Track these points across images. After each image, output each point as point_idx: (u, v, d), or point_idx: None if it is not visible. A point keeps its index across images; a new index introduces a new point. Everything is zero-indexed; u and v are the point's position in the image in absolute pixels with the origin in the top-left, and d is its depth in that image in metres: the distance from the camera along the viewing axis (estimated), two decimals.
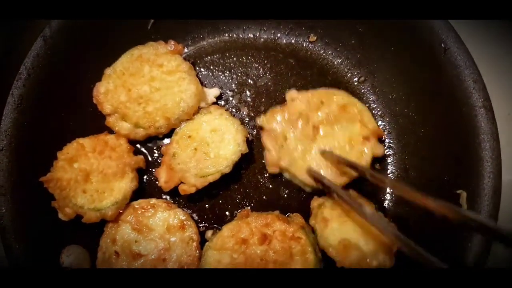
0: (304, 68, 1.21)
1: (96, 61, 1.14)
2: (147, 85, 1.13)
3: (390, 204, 1.16)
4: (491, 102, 1.00)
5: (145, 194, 1.18)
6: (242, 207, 1.16)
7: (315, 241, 1.05)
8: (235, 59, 1.24)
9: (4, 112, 1.05)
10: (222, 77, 1.23)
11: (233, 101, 1.22)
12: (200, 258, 1.06)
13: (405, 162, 1.15)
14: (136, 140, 1.15)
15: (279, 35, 1.25)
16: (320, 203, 1.08)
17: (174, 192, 1.17)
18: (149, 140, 1.19)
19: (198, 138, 1.10)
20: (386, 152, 1.18)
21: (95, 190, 1.08)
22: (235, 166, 1.08)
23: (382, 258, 1.00)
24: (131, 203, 1.12)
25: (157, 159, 1.20)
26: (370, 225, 0.93)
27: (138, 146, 1.21)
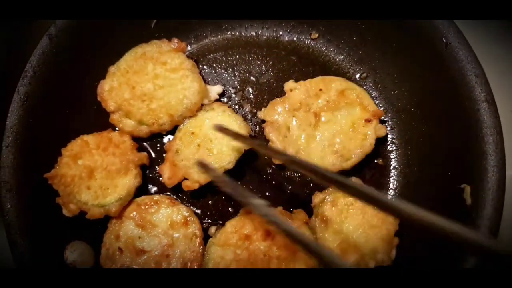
0: (306, 65, 1.22)
1: (100, 59, 1.15)
2: (150, 82, 1.14)
3: (393, 192, 1.15)
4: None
5: (148, 190, 1.18)
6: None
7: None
8: (237, 56, 1.25)
9: (10, 110, 1.06)
10: (225, 74, 1.24)
11: (235, 98, 1.23)
12: (204, 254, 1.07)
13: (408, 158, 1.15)
14: (140, 137, 1.16)
15: (281, 33, 1.26)
16: (321, 199, 1.08)
17: (178, 189, 1.17)
18: (152, 137, 1.20)
19: (201, 135, 1.11)
20: (389, 148, 1.18)
21: (99, 187, 1.09)
22: (238, 162, 1.08)
23: (380, 257, 1.00)
24: (135, 200, 1.12)
25: (160, 156, 1.21)
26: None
27: (142, 143, 1.21)
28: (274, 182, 1.17)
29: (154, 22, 1.22)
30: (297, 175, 1.17)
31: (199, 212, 1.16)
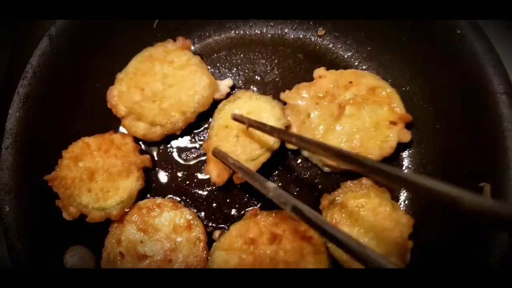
0: (313, 62, 1.18)
1: (101, 59, 1.14)
2: (160, 82, 1.12)
3: (406, 193, 1.09)
4: None
5: (151, 194, 1.15)
6: (250, 206, 1.12)
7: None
8: (241, 55, 1.22)
9: (10, 111, 1.05)
10: (229, 74, 1.21)
11: None
12: (208, 259, 1.02)
13: (421, 156, 1.09)
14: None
15: (286, 30, 1.22)
16: (330, 201, 1.03)
17: (181, 192, 1.14)
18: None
19: (235, 125, 1.07)
20: (401, 146, 1.11)
21: (100, 189, 1.06)
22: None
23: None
24: (137, 203, 1.09)
25: (164, 158, 1.17)
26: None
27: (145, 146, 1.18)
28: (280, 184, 1.12)
29: (156, 22, 1.21)
30: (305, 175, 1.12)
31: (202, 215, 1.12)
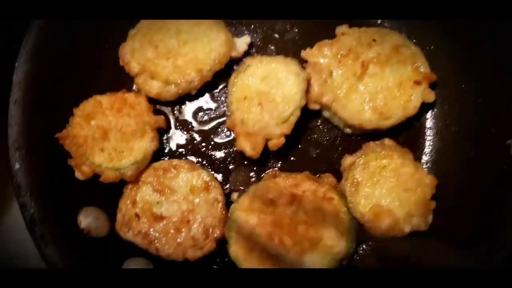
0: (333, 22, 1.12)
1: None
2: (174, 38, 1.07)
3: (429, 155, 1.08)
4: None
5: (165, 157, 1.11)
6: (268, 169, 1.09)
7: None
8: None
9: (17, 64, 0.99)
10: (246, 32, 1.16)
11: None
12: (226, 219, 1.00)
13: (445, 117, 1.07)
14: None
15: None
16: (351, 162, 1.01)
17: (197, 154, 1.11)
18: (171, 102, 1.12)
19: (255, 94, 1.02)
20: (423, 108, 1.09)
21: (113, 149, 1.02)
22: None
23: (416, 221, 0.94)
24: (152, 164, 1.05)
25: (178, 120, 1.14)
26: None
27: (159, 107, 1.14)
28: (300, 146, 1.10)
29: None
30: (325, 137, 1.10)
31: (220, 178, 1.09)
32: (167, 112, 1.14)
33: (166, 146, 1.12)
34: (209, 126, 1.13)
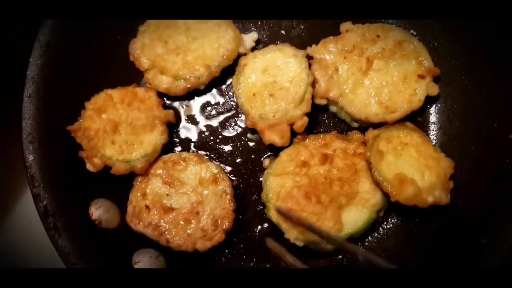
0: (339, 19, 1.15)
1: None
2: (183, 35, 1.09)
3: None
4: None
5: (174, 150, 1.13)
6: None
7: None
8: None
9: (31, 59, 1.02)
10: (254, 28, 1.18)
11: None
12: (234, 211, 1.01)
13: (448, 112, 1.09)
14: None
15: None
16: (375, 134, 1.02)
17: (205, 147, 1.13)
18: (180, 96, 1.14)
19: (262, 88, 1.05)
20: (426, 103, 1.11)
21: (124, 142, 1.04)
22: None
23: (438, 194, 0.95)
24: (161, 157, 1.07)
25: (187, 115, 1.16)
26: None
27: (168, 102, 1.16)
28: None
29: None
30: (332, 131, 1.11)
31: (228, 170, 1.11)
32: (177, 106, 1.16)
33: (175, 140, 1.14)
34: (217, 120, 1.15)
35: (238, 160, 1.12)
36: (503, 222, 0.92)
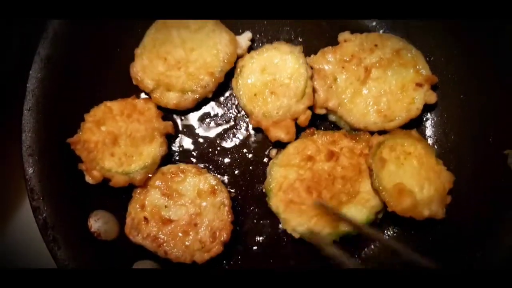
0: (337, 31, 1.14)
1: (125, 21, 1.11)
2: (180, 48, 1.10)
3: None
4: None
5: (173, 161, 1.14)
6: None
7: None
8: (265, 22, 1.19)
9: (31, 72, 1.02)
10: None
11: None
12: (232, 222, 1.02)
13: (444, 126, 1.10)
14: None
15: None
16: (380, 141, 1.02)
17: (203, 159, 1.14)
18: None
19: (262, 87, 1.07)
20: (424, 117, 1.12)
21: (123, 154, 1.05)
22: None
23: (434, 208, 0.96)
24: (160, 168, 1.08)
25: (185, 126, 1.16)
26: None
27: (167, 113, 1.16)
28: None
29: None
30: None
31: (226, 181, 1.12)
32: (175, 117, 1.17)
33: (173, 151, 1.15)
34: (215, 132, 1.15)
35: (236, 172, 1.13)
36: (497, 236, 0.93)
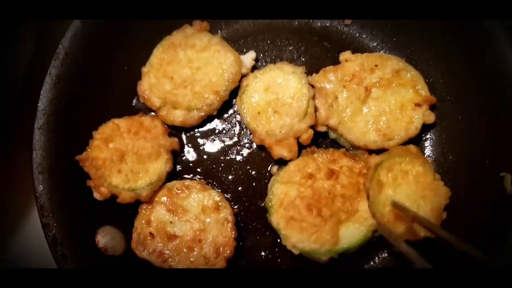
0: (339, 51, 1.18)
1: (133, 41, 1.15)
2: (186, 67, 1.14)
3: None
4: None
5: (178, 176, 1.17)
6: None
7: None
8: (268, 42, 1.23)
9: (42, 92, 1.05)
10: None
11: None
12: (235, 238, 1.05)
13: (442, 146, 1.13)
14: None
15: None
16: (377, 162, 1.03)
17: (207, 175, 1.17)
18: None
19: (266, 106, 1.10)
20: (423, 136, 1.15)
21: (130, 171, 1.07)
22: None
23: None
24: (165, 185, 1.11)
25: (191, 141, 1.20)
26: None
27: (173, 130, 1.20)
28: None
29: None
30: None
31: (229, 197, 1.15)
32: (181, 134, 1.20)
33: (179, 167, 1.18)
34: (219, 148, 1.19)
35: (239, 188, 1.16)
36: (492, 252, 0.95)
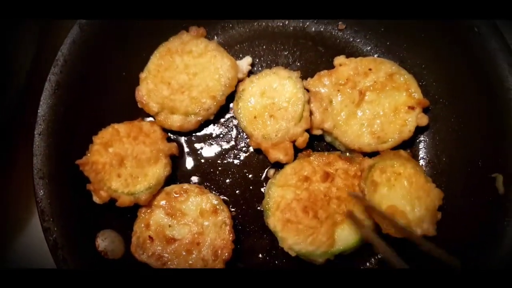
0: (333, 55, 1.20)
1: (132, 46, 1.17)
2: (183, 73, 1.16)
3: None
4: None
5: (177, 180, 1.19)
6: None
7: None
8: (264, 47, 1.25)
9: (42, 98, 1.07)
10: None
11: None
12: (233, 241, 1.07)
13: (436, 148, 1.15)
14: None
15: (308, 23, 1.26)
16: (370, 164, 1.06)
17: (205, 179, 1.18)
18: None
19: (262, 110, 1.12)
20: (417, 139, 1.17)
21: (129, 175, 1.09)
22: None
23: (426, 226, 1.00)
24: (164, 188, 1.13)
25: (189, 146, 1.22)
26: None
27: (172, 135, 1.22)
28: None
29: None
30: None
31: (227, 200, 1.17)
32: (179, 139, 1.22)
33: (177, 171, 1.20)
34: (216, 152, 1.21)
35: (237, 191, 1.17)
36: (487, 251, 0.97)
